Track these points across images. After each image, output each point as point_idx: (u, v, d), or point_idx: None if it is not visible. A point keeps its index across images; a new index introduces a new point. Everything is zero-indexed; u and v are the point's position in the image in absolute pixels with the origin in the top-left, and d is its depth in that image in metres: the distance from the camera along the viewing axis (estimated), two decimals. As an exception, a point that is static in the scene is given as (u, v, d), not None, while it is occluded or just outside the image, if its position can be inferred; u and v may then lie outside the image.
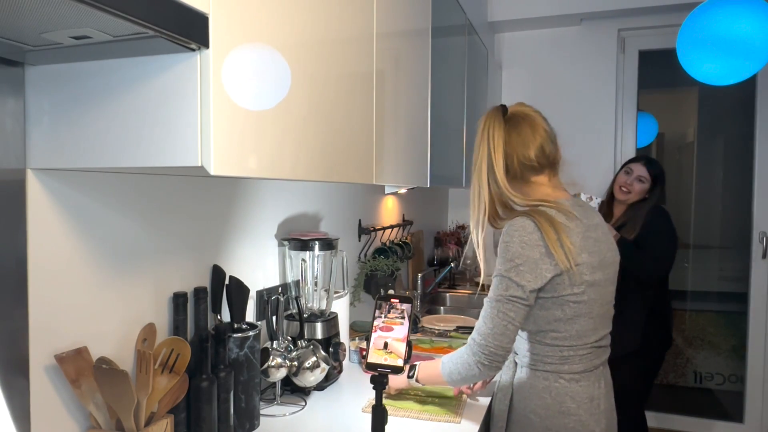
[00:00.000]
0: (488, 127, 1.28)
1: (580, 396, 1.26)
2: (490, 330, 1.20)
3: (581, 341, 1.25)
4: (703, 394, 3.47)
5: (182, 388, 1.12)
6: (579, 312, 1.23)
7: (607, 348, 1.34)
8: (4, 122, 0.85)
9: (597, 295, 1.25)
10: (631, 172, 2.40)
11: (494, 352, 1.20)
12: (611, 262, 1.31)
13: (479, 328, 1.23)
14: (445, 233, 3.43)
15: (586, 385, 1.26)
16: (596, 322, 1.27)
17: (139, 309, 1.14)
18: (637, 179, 2.38)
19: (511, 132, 1.28)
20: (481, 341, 1.21)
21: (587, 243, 1.23)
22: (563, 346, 1.25)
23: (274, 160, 0.91)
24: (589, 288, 1.22)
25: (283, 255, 1.68)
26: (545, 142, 1.28)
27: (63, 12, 0.59)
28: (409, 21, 1.64)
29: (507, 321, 1.19)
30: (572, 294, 1.21)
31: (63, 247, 0.97)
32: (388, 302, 1.21)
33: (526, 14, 3.21)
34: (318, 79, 1.06)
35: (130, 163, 0.79)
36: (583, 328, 1.25)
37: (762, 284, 3.16)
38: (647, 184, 2.37)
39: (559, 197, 1.29)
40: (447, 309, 2.83)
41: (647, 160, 2.42)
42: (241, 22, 0.81)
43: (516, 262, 1.19)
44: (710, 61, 2.01)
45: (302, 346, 1.47)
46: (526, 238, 1.19)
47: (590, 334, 1.26)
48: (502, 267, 1.21)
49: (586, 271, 1.21)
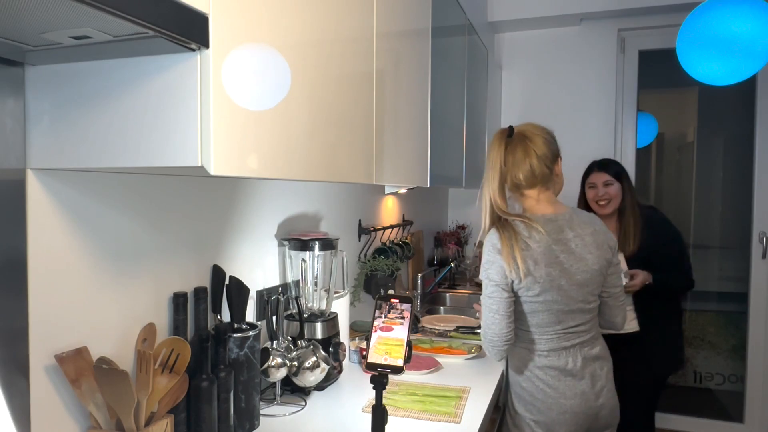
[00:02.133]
0: (492, 147, 1.54)
1: (545, 364, 1.52)
2: (483, 323, 1.49)
3: (545, 329, 1.51)
4: (703, 394, 3.47)
5: (182, 388, 1.12)
6: (537, 309, 1.48)
7: (582, 333, 1.54)
8: (4, 122, 0.85)
9: (559, 296, 1.47)
10: (596, 184, 2.29)
11: (492, 339, 1.47)
12: (587, 269, 1.50)
13: (481, 323, 1.51)
14: (445, 233, 3.43)
15: (553, 359, 1.51)
16: (559, 316, 1.49)
17: (139, 309, 1.14)
18: (605, 185, 2.27)
19: (508, 154, 1.52)
20: (482, 332, 1.51)
21: (548, 255, 1.46)
22: (529, 331, 1.52)
23: (274, 160, 0.91)
24: (545, 292, 1.46)
25: (283, 255, 1.68)
26: (536, 164, 1.51)
27: (63, 12, 0.59)
28: (409, 21, 1.64)
29: (492, 313, 1.46)
30: (527, 296, 1.47)
31: (63, 247, 0.97)
32: (388, 302, 1.21)
33: (526, 14, 3.21)
34: (318, 79, 1.06)
35: (130, 163, 0.79)
36: (545, 321, 1.50)
37: (762, 284, 3.16)
38: (617, 183, 2.28)
39: (540, 211, 1.53)
40: (447, 309, 2.83)
41: (598, 165, 2.32)
42: (241, 22, 0.81)
43: (486, 266, 1.49)
44: (710, 61, 2.01)
45: (302, 346, 1.47)
46: (492, 247, 1.48)
47: (554, 325, 1.50)
48: (481, 270, 1.51)
49: (542, 278, 1.44)
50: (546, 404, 1.50)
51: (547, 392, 1.50)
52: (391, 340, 1.18)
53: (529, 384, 1.53)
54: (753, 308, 3.18)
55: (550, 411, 1.50)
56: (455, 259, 3.31)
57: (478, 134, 2.77)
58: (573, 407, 1.49)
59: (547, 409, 1.50)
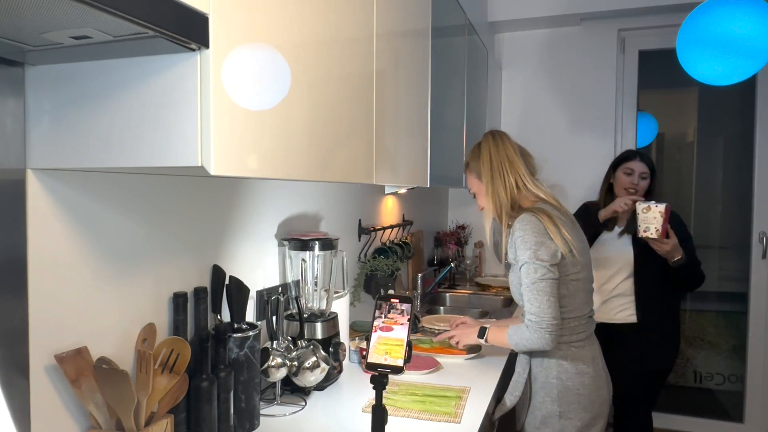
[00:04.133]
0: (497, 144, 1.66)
1: (587, 358, 1.56)
2: (538, 308, 1.46)
3: (581, 312, 1.56)
4: (703, 394, 3.46)
5: (182, 388, 1.12)
6: (578, 288, 1.54)
7: (594, 319, 1.65)
8: (4, 122, 0.85)
9: (587, 273, 1.58)
10: (633, 172, 2.29)
11: (550, 323, 1.45)
12: (588, 248, 1.65)
13: (530, 310, 1.48)
14: (445, 233, 3.43)
15: (589, 348, 1.57)
16: (588, 296, 1.59)
17: (139, 309, 1.14)
18: (641, 177, 2.28)
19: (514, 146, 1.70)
20: (536, 319, 1.46)
21: (575, 232, 1.57)
22: (570, 317, 1.53)
23: (274, 160, 0.91)
24: (583, 268, 1.55)
25: (283, 255, 1.67)
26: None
27: (63, 12, 0.59)
28: (409, 21, 1.64)
29: (546, 296, 1.45)
30: (573, 273, 1.52)
31: (63, 247, 0.97)
32: (388, 302, 1.21)
33: (526, 14, 3.21)
34: (318, 79, 1.06)
35: (130, 163, 0.79)
36: (581, 302, 1.56)
37: (762, 284, 3.16)
38: (649, 180, 2.30)
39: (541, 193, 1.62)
40: (447, 309, 2.83)
41: (641, 155, 2.34)
42: (241, 22, 0.81)
43: (533, 248, 1.47)
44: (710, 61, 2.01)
45: (302, 346, 1.47)
46: (536, 228, 1.48)
47: (584, 307, 1.58)
48: (525, 255, 1.48)
49: (578, 254, 1.52)
50: (590, 399, 1.53)
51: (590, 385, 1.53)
52: (391, 340, 1.18)
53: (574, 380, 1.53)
54: (753, 308, 3.18)
55: (593, 405, 1.53)
56: (455, 259, 3.30)
57: (478, 134, 2.75)
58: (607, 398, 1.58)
59: (591, 403, 1.53)
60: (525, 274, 1.48)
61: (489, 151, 1.65)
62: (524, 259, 1.48)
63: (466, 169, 1.75)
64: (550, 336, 1.46)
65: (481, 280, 3.28)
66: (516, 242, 1.50)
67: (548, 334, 1.46)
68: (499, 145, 1.64)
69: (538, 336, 1.47)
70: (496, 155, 1.62)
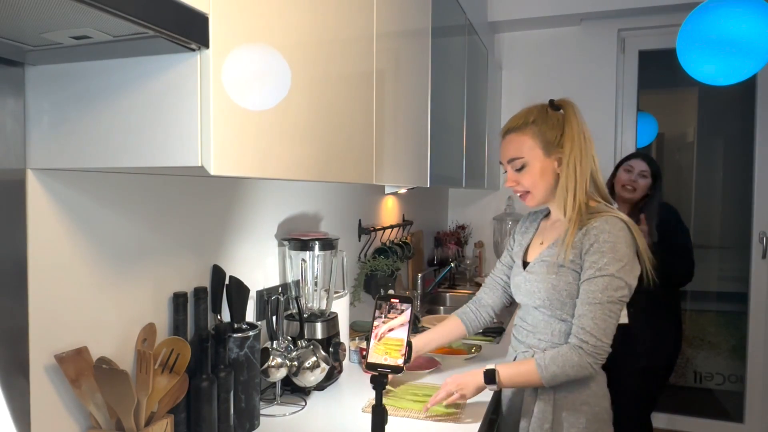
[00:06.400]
0: (568, 118, 1.35)
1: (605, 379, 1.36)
2: (603, 331, 1.23)
3: None
4: (703, 394, 3.47)
5: (182, 388, 1.12)
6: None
7: None
8: (4, 122, 0.85)
9: None
10: (632, 169, 2.35)
11: (606, 350, 1.24)
12: None
13: (592, 329, 1.23)
14: (445, 233, 3.43)
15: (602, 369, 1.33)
16: None
17: (139, 309, 1.14)
18: (640, 175, 2.33)
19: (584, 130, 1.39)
20: (597, 343, 1.23)
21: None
22: None
23: (274, 160, 0.91)
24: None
25: (283, 255, 1.67)
26: None
27: (63, 12, 0.59)
28: (409, 21, 1.64)
29: (614, 320, 1.24)
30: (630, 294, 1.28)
31: (63, 247, 0.97)
32: (388, 302, 1.21)
33: (526, 14, 3.21)
34: (318, 79, 1.06)
35: (130, 163, 0.79)
36: None
37: (762, 284, 3.16)
38: (650, 180, 2.33)
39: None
40: (447, 309, 2.83)
41: (645, 156, 2.39)
42: (241, 22, 0.81)
43: (624, 262, 1.23)
44: (710, 61, 2.01)
45: (302, 346, 1.47)
46: (628, 244, 1.26)
47: None
48: (612, 267, 1.23)
49: None
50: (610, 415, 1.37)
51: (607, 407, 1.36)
52: (391, 340, 1.18)
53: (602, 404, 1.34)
54: (753, 308, 3.18)
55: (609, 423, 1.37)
56: (455, 259, 3.30)
57: (478, 134, 2.77)
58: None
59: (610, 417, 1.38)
60: (601, 288, 1.22)
61: (578, 121, 1.32)
62: (609, 271, 1.22)
63: (521, 131, 1.34)
64: (598, 366, 1.25)
65: (481, 280, 3.28)
66: (602, 247, 1.23)
67: (597, 363, 1.24)
68: (581, 120, 1.33)
69: (590, 361, 1.23)
70: (586, 130, 1.32)
